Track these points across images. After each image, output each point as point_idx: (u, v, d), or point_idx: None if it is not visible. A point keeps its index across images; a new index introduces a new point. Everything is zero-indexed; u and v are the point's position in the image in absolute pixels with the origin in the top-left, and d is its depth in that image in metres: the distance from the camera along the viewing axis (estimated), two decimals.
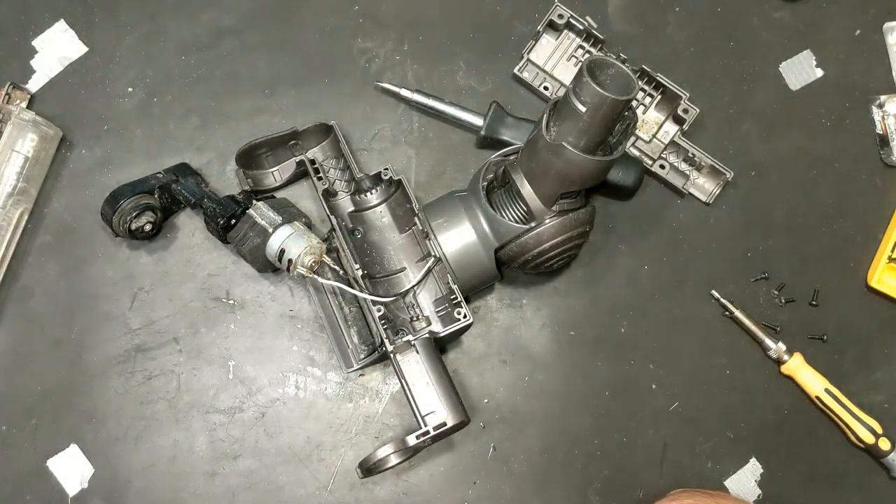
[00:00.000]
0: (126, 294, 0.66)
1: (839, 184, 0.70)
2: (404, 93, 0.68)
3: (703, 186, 0.69)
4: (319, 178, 0.64)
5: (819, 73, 0.72)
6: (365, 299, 0.60)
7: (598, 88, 0.46)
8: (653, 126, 0.69)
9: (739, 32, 0.72)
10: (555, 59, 0.70)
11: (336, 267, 0.62)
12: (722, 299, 0.67)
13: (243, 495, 0.63)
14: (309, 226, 0.64)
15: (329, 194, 0.65)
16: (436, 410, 0.57)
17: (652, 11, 0.72)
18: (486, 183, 0.60)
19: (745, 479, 0.65)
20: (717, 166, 0.68)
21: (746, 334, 0.67)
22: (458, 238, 0.59)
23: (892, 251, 0.67)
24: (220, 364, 0.65)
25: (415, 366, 0.58)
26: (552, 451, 0.65)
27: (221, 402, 0.65)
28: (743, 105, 0.71)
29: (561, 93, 0.65)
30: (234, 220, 0.61)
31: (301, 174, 0.68)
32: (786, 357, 0.66)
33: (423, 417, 0.57)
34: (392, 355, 0.58)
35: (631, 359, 0.67)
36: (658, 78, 0.67)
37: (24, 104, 0.67)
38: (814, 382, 0.65)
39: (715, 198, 0.69)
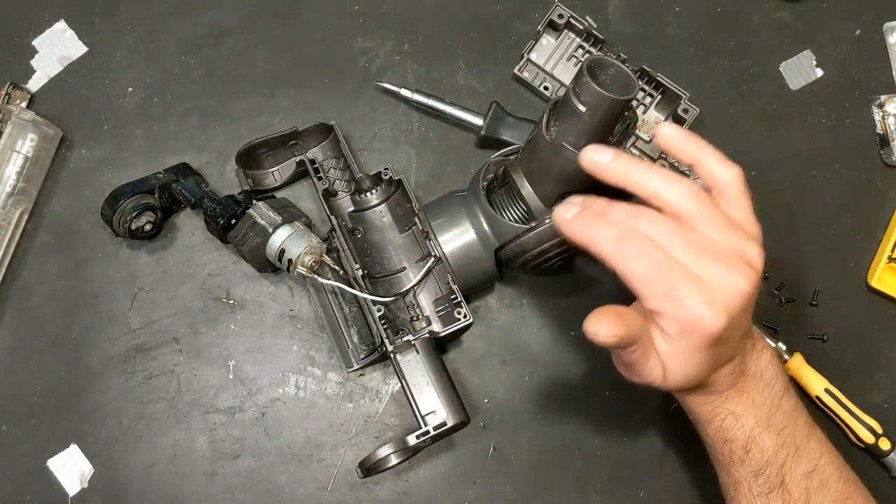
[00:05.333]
0: (126, 294, 0.66)
1: (839, 184, 0.70)
2: (404, 93, 0.68)
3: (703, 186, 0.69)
4: (319, 178, 0.64)
5: (819, 73, 0.72)
6: (365, 299, 0.60)
7: (598, 88, 0.46)
8: (653, 126, 0.69)
9: (739, 32, 0.72)
10: (555, 59, 0.70)
11: (336, 267, 0.62)
12: None
13: (243, 495, 0.63)
14: (309, 226, 0.64)
15: (329, 194, 0.65)
16: (436, 410, 0.57)
17: (652, 11, 0.72)
18: (486, 183, 0.60)
19: None
20: None
21: None
22: (458, 238, 0.59)
23: (892, 251, 0.67)
24: (220, 364, 0.65)
25: (415, 366, 0.58)
26: (552, 451, 0.65)
27: (221, 402, 0.65)
28: (743, 105, 0.71)
29: (561, 93, 0.65)
30: (234, 220, 0.61)
31: (301, 174, 0.68)
32: (786, 357, 0.66)
33: (423, 417, 0.57)
34: (392, 355, 0.58)
35: None
36: (658, 78, 0.67)
37: (24, 104, 0.67)
38: (814, 382, 0.65)
39: None
